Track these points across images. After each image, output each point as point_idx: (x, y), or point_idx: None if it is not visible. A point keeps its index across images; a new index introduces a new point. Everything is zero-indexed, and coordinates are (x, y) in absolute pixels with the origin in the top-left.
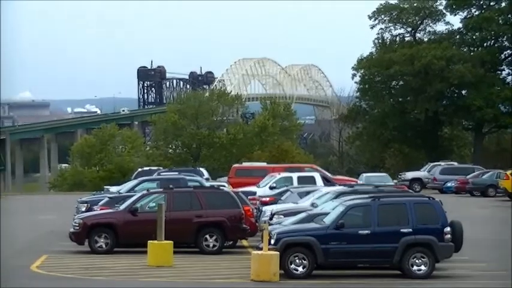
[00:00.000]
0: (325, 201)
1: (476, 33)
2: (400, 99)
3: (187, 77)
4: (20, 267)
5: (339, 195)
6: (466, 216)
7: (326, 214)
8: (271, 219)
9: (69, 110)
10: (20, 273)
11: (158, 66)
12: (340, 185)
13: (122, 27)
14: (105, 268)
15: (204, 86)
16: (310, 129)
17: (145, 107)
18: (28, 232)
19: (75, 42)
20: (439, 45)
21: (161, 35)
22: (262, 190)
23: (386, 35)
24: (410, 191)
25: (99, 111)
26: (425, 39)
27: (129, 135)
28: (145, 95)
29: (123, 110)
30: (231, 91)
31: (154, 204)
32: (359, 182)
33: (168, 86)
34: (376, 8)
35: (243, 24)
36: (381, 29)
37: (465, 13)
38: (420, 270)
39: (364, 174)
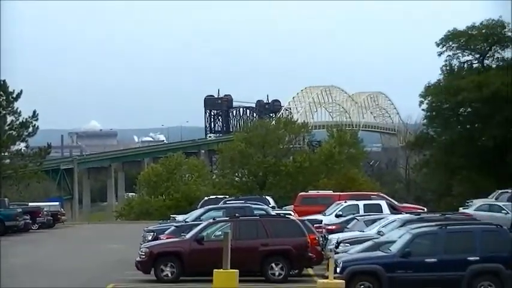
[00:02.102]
0: (391, 229)
1: None
2: (468, 126)
3: (254, 105)
4: None
5: (405, 223)
6: None
7: (392, 242)
8: (337, 247)
9: (136, 139)
10: None
11: (225, 95)
12: (406, 213)
13: (189, 56)
14: None
15: (271, 114)
16: (377, 157)
17: (212, 135)
18: (95, 261)
19: (141, 72)
20: (508, 72)
21: (228, 64)
22: (328, 218)
23: (454, 62)
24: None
25: (165, 140)
26: (494, 66)
27: (195, 163)
28: (212, 123)
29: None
30: (297, 119)
31: (220, 232)
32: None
33: (234, 114)
34: (444, 35)
35: (309, 53)
36: (449, 55)
37: None
38: None
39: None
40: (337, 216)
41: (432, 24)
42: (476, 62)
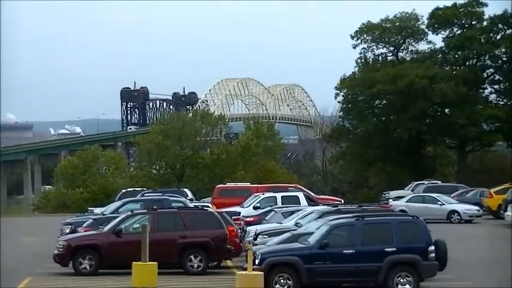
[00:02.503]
0: (309, 221)
1: (459, 52)
2: (384, 118)
3: (170, 97)
4: None
5: (323, 214)
6: (450, 235)
7: (310, 234)
8: (255, 239)
9: (52, 131)
10: None
11: (141, 87)
12: (324, 204)
13: (105, 48)
14: None
15: (188, 107)
16: (294, 149)
17: (129, 127)
18: (13, 254)
19: (58, 63)
20: (422, 64)
21: (145, 56)
22: (246, 210)
23: (369, 55)
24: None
25: (82, 133)
26: (408, 59)
27: (112, 156)
28: (129, 116)
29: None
30: (214, 111)
31: (138, 225)
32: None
33: (151, 106)
34: (359, 28)
35: (226, 44)
36: (364, 48)
37: (447, 32)
38: None
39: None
40: (255, 208)
41: (348, 17)
42: (390, 54)
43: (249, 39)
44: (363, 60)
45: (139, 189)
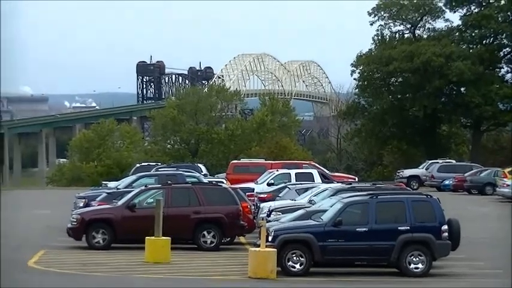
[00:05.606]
0: (323, 198)
1: (476, 31)
2: (399, 96)
3: (186, 72)
4: (17, 262)
5: (337, 192)
6: (463, 214)
7: (324, 211)
8: (269, 216)
9: (67, 104)
10: (17, 269)
11: (157, 61)
12: (338, 182)
13: (122, 22)
14: (102, 264)
15: (203, 82)
16: (309, 126)
17: (144, 102)
18: (26, 227)
19: (75, 37)
20: (439, 42)
21: (161, 30)
22: (260, 187)
23: (386, 32)
24: (408, 188)
25: (97, 106)
26: (425, 36)
27: (127, 130)
28: (144, 90)
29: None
30: (229, 87)
31: (152, 200)
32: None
33: (167, 81)
34: (376, 5)
35: (242, 20)
36: (381, 25)
37: (464, 10)
38: (417, 268)
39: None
40: (269, 184)
41: None
42: (407, 32)
43: (266, 14)
44: (379, 38)
45: (154, 163)
